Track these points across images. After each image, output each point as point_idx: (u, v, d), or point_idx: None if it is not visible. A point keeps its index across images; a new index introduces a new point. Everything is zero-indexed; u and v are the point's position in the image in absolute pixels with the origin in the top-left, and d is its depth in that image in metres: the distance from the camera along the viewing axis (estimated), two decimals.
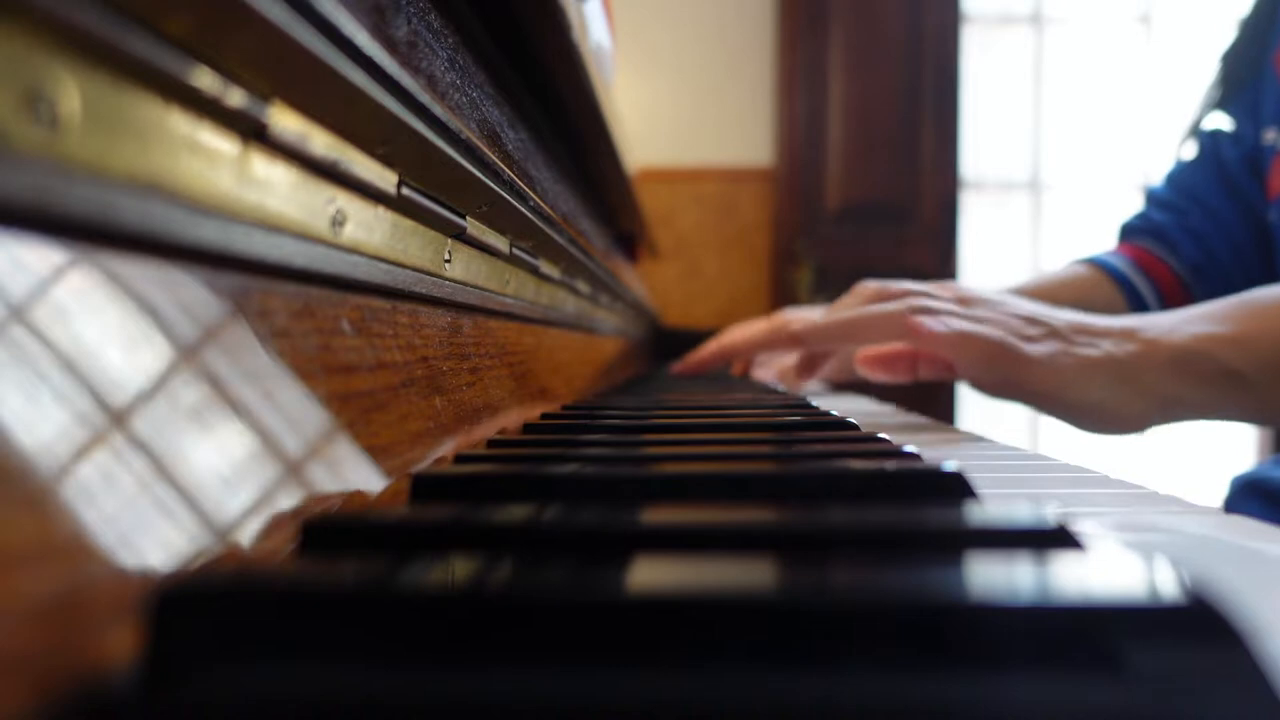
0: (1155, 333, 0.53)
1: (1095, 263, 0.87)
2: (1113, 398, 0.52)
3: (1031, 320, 0.55)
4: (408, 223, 0.30)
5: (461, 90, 0.35)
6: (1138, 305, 0.84)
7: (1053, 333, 0.54)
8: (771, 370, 1.01)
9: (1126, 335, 0.53)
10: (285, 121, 0.21)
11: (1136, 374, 0.51)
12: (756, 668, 0.12)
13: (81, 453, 0.14)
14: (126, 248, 0.16)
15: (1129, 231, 0.90)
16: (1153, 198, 0.89)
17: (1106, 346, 0.52)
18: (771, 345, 0.64)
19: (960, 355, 0.53)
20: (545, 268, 0.54)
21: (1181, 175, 0.87)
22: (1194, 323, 0.53)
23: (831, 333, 0.57)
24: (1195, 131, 0.87)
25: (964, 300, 0.57)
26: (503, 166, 0.37)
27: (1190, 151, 0.88)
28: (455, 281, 0.36)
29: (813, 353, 0.67)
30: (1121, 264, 0.86)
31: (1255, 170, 0.80)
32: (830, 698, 0.11)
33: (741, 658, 0.13)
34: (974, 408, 2.41)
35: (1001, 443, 0.48)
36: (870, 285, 0.60)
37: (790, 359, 0.86)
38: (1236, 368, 0.51)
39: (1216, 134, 0.85)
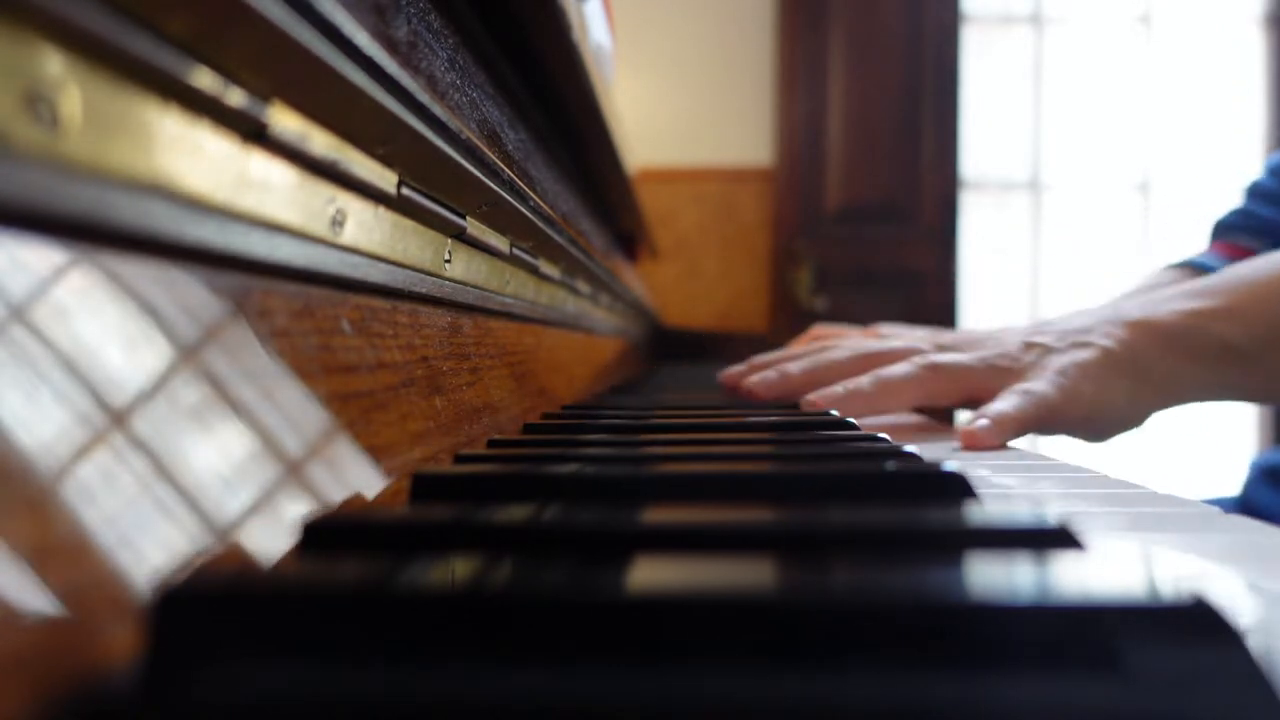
0: (1141, 313, 0.51)
1: (1192, 265, 0.80)
2: (1123, 397, 0.50)
3: (1025, 346, 0.53)
4: (408, 223, 0.30)
5: (461, 90, 0.35)
6: None
7: (1046, 350, 0.52)
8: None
9: (1113, 321, 0.52)
10: (285, 121, 0.21)
11: (1131, 362, 0.50)
12: (757, 668, 0.12)
13: (81, 453, 0.14)
14: (126, 248, 0.16)
15: (1226, 229, 0.82)
16: (1256, 191, 0.82)
17: (1096, 340, 0.51)
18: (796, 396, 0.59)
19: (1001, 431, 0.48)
20: (545, 268, 0.54)
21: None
22: (1180, 299, 0.51)
23: (856, 409, 0.52)
24: None
25: (959, 345, 0.56)
26: (503, 166, 0.37)
27: None
28: (455, 281, 0.36)
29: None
30: (1222, 265, 0.77)
31: None
32: (831, 698, 0.11)
33: (742, 658, 0.13)
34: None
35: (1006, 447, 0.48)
36: (843, 345, 0.58)
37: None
38: (1232, 341, 0.49)
39: None
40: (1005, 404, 0.47)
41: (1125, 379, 0.49)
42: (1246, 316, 0.49)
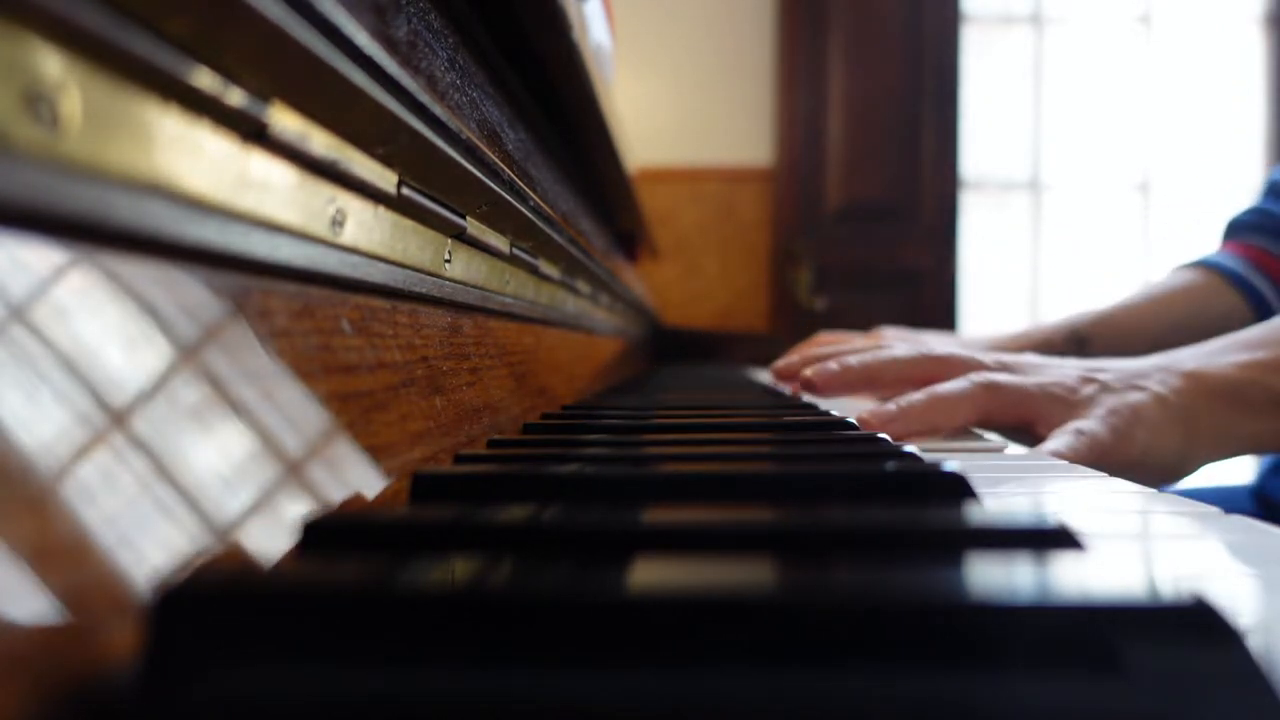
0: (1194, 365, 0.51)
1: (1206, 266, 0.79)
2: (1166, 444, 0.49)
3: (1086, 380, 0.52)
4: (408, 222, 0.30)
5: (461, 90, 0.35)
6: (1263, 311, 0.76)
7: (1105, 388, 0.51)
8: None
9: (1166, 370, 0.51)
10: (285, 121, 0.21)
11: (1185, 411, 0.49)
12: (757, 668, 0.12)
13: (81, 453, 0.14)
14: (126, 248, 0.16)
15: (1240, 228, 0.81)
16: (1275, 188, 0.80)
17: (1152, 386, 0.50)
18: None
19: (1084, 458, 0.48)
20: (545, 267, 0.54)
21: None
22: (1230, 352, 0.51)
23: (909, 427, 0.51)
24: None
25: (1011, 367, 0.54)
26: (503, 166, 0.37)
27: None
28: (455, 281, 0.36)
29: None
30: (1238, 265, 0.77)
31: None
32: (831, 698, 0.11)
33: (742, 658, 0.13)
34: None
35: (1001, 442, 0.48)
36: (899, 353, 0.56)
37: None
38: None
39: None
40: (1059, 443, 0.47)
41: (1178, 428, 0.49)
42: None
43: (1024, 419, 0.51)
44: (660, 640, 0.13)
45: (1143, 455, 0.48)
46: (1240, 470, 0.91)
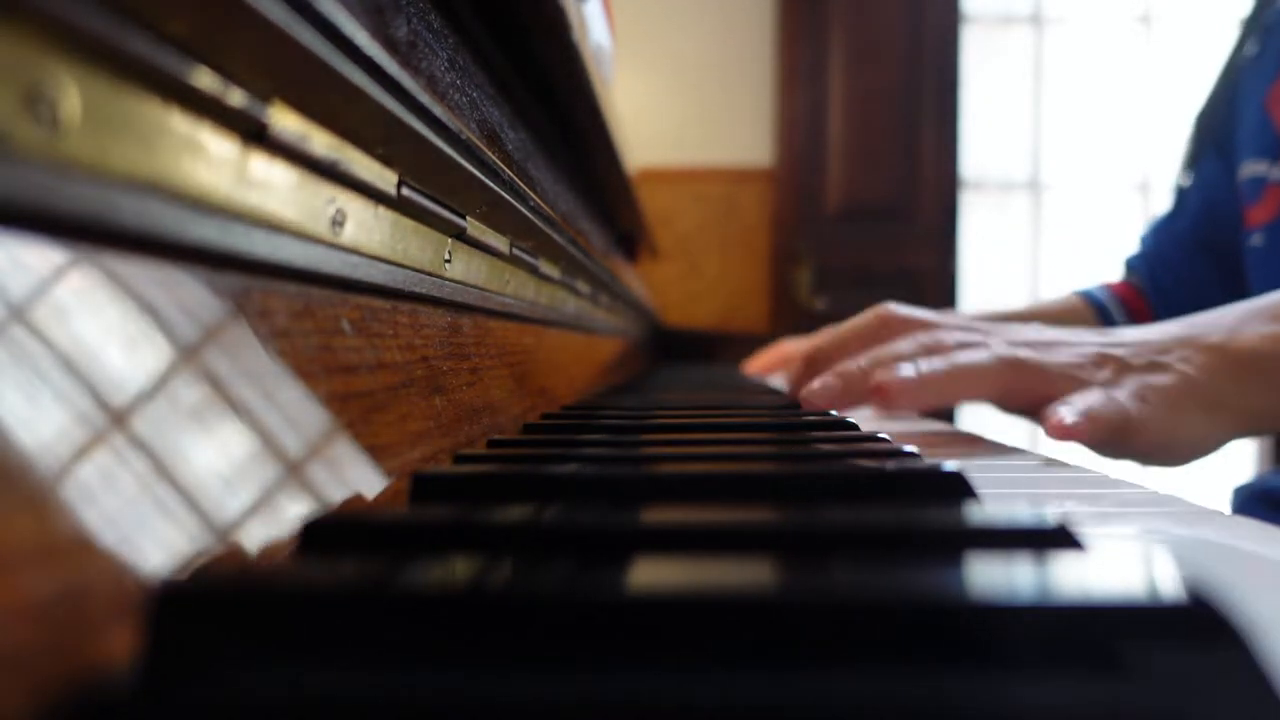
0: (1218, 338, 0.49)
1: (1084, 295, 0.95)
2: (1192, 426, 0.48)
3: (1102, 358, 0.50)
4: (408, 223, 0.30)
5: (461, 90, 0.35)
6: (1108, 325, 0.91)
7: (1123, 367, 0.49)
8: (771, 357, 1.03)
9: (1186, 344, 0.49)
10: (285, 121, 0.21)
11: (1211, 390, 0.48)
12: (757, 668, 0.12)
13: (81, 453, 0.14)
14: (127, 248, 0.16)
15: (1127, 265, 0.98)
16: (1142, 240, 0.98)
17: (1175, 363, 0.48)
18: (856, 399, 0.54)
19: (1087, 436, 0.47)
20: (545, 268, 0.54)
21: (1160, 230, 0.96)
22: (1253, 321, 0.49)
23: (927, 397, 0.50)
24: (1176, 185, 0.95)
25: (1033, 344, 0.52)
26: (503, 166, 0.37)
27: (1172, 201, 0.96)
28: (455, 281, 0.36)
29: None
30: (1104, 296, 0.95)
31: (1214, 219, 0.87)
32: (831, 698, 0.11)
33: (742, 658, 0.13)
34: (973, 408, 2.41)
35: (1001, 443, 0.48)
36: (934, 323, 0.55)
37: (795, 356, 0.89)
38: None
39: (1180, 195, 0.94)
40: (1093, 400, 0.45)
41: (1204, 409, 0.48)
42: None
43: (1040, 400, 0.49)
44: (661, 640, 0.13)
45: (1168, 438, 0.47)
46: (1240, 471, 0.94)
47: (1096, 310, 0.94)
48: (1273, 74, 0.80)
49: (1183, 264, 0.92)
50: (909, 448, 0.31)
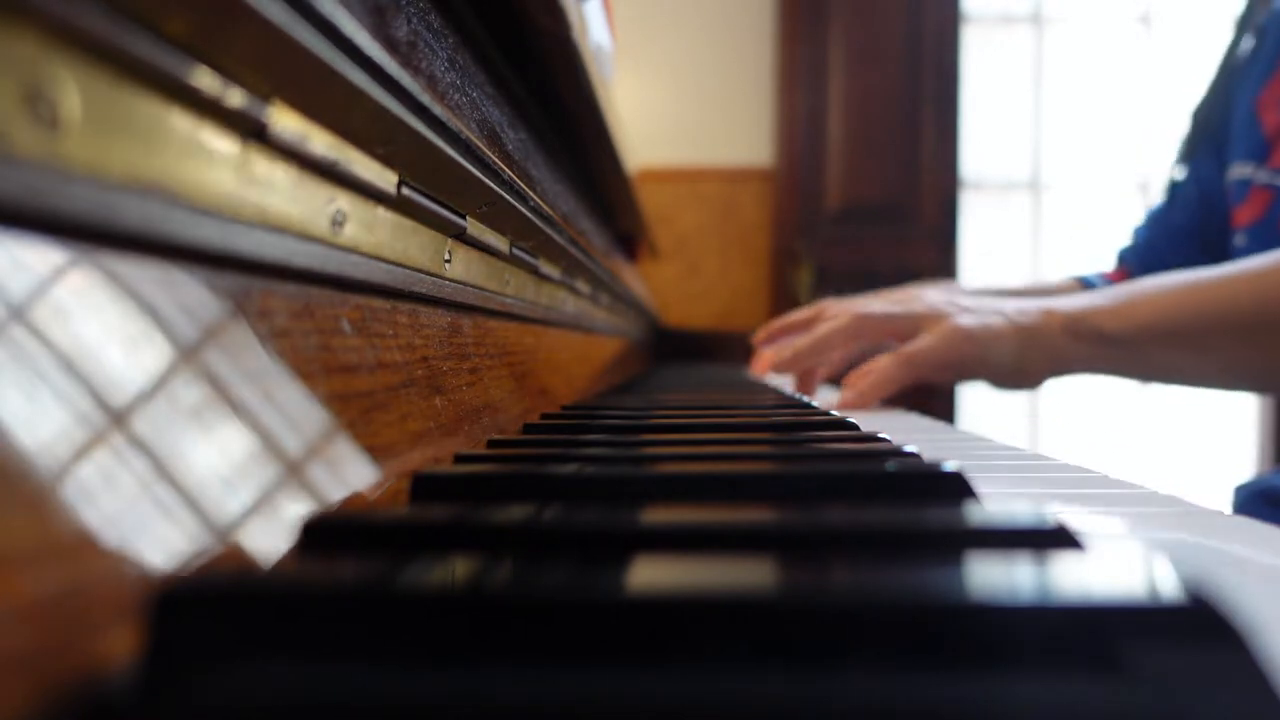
0: (1056, 305, 0.68)
1: (1081, 280, 1.04)
2: (1019, 357, 0.67)
3: (948, 302, 0.71)
4: (408, 222, 0.30)
5: (461, 90, 0.35)
6: None
7: (964, 310, 0.70)
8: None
9: (1034, 310, 0.68)
10: (285, 121, 0.21)
11: (1037, 336, 0.67)
12: (757, 668, 0.12)
13: (81, 453, 0.14)
14: (126, 248, 0.16)
15: (1120, 256, 1.05)
16: (1135, 233, 1.04)
17: (1011, 316, 0.68)
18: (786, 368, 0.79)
19: (906, 378, 0.70)
20: (545, 268, 0.54)
21: (1153, 222, 1.01)
22: (1085, 298, 0.69)
23: (801, 357, 0.75)
24: (1170, 179, 0.99)
25: (897, 299, 0.75)
26: (503, 166, 0.37)
27: (1167, 194, 1.00)
28: (455, 281, 0.36)
29: (804, 370, 0.81)
30: (1100, 283, 1.02)
31: (1210, 214, 0.93)
32: (831, 698, 0.11)
33: (742, 658, 0.13)
34: (974, 408, 2.42)
35: (1001, 442, 0.48)
36: (829, 304, 0.80)
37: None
38: (1110, 330, 0.65)
39: (1175, 189, 0.97)
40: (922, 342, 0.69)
41: (1018, 341, 0.67)
42: (1125, 313, 0.66)
43: (896, 338, 0.71)
44: (661, 640, 0.13)
45: (984, 353, 0.67)
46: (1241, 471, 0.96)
47: (1087, 290, 0.98)
48: (1263, 77, 0.81)
49: (1174, 257, 0.95)
50: (909, 447, 0.31)
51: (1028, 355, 0.67)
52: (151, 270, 0.17)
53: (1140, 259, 0.99)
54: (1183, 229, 0.95)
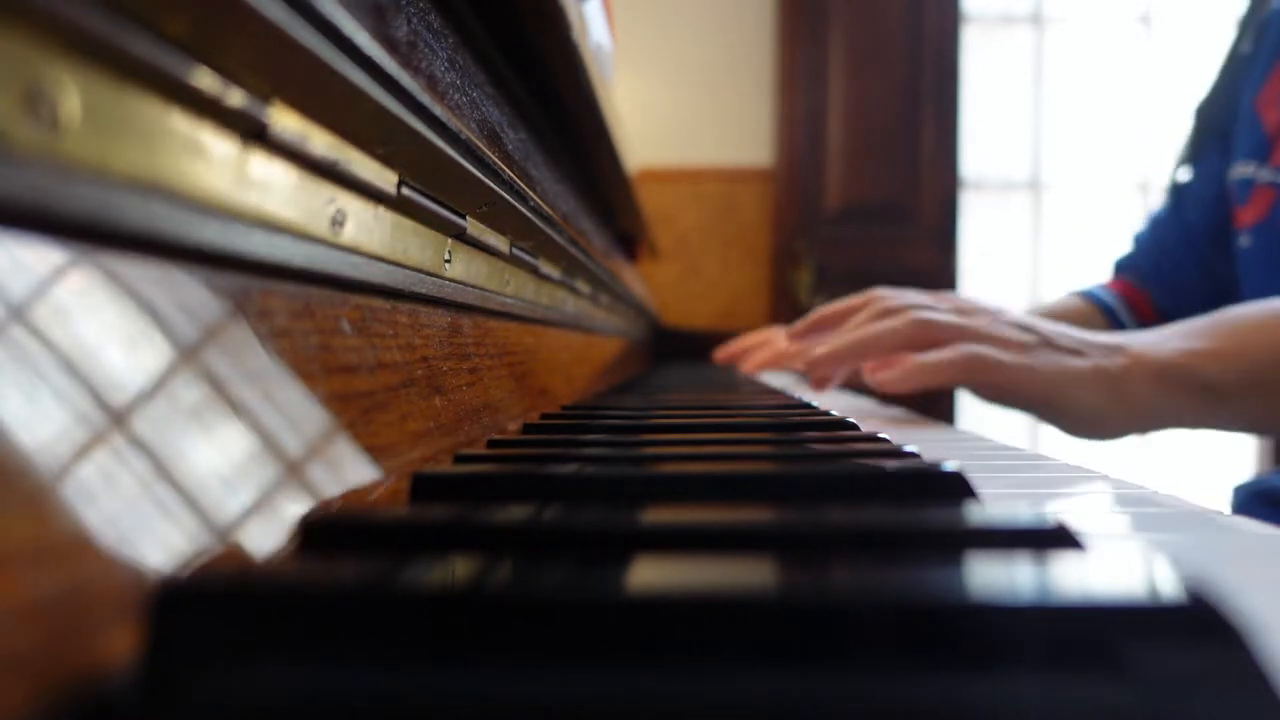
0: (1140, 348, 0.58)
1: (1088, 295, 0.98)
2: (1101, 406, 0.57)
3: (1026, 328, 0.59)
4: (408, 223, 0.30)
5: (461, 90, 0.35)
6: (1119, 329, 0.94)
7: (1045, 341, 0.58)
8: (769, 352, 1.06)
9: (1114, 349, 0.58)
10: (285, 121, 0.21)
11: (1123, 386, 0.56)
12: (757, 668, 0.12)
13: (81, 453, 0.14)
14: (127, 248, 0.16)
15: (1119, 268, 1.01)
16: (1137, 240, 1.01)
17: (1096, 358, 0.57)
18: (790, 366, 0.71)
19: (961, 376, 0.57)
20: (545, 268, 0.54)
21: (1159, 226, 0.98)
22: (1176, 339, 0.58)
23: (843, 355, 0.62)
24: (1172, 181, 0.97)
25: (963, 310, 0.61)
26: (503, 166, 0.37)
27: (1171, 194, 0.98)
28: (455, 281, 0.36)
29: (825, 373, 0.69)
30: (1110, 298, 0.97)
31: (1222, 212, 0.89)
32: (831, 698, 0.11)
33: (742, 658, 0.13)
34: (974, 409, 2.42)
35: (1001, 442, 0.48)
36: (880, 297, 0.64)
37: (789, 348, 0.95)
38: (1214, 382, 0.56)
39: (1183, 190, 0.95)
40: (947, 352, 0.56)
41: (1105, 393, 0.56)
42: (1230, 360, 0.56)
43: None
44: (661, 640, 0.13)
45: (1060, 399, 0.56)
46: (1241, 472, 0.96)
47: (1100, 309, 0.95)
48: (1263, 75, 0.81)
49: (1189, 258, 0.93)
50: (909, 447, 0.31)
51: (1109, 405, 0.57)
52: (151, 270, 0.17)
53: (1151, 263, 0.96)
54: (1197, 227, 0.93)
